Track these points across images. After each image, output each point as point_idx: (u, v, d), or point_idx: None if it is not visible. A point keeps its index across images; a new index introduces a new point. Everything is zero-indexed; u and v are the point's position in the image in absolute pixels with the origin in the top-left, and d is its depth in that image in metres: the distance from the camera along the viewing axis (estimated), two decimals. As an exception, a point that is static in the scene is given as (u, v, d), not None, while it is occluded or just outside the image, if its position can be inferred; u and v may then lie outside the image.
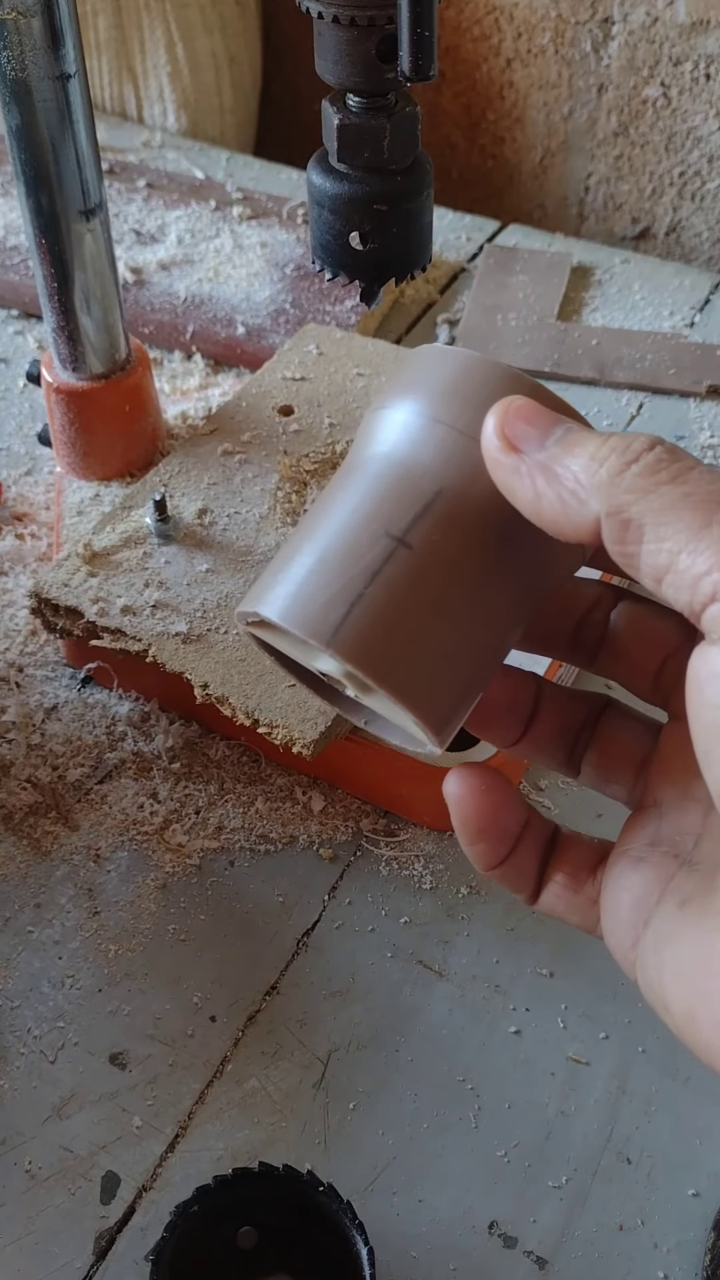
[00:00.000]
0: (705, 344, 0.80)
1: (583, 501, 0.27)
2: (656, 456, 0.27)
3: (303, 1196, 0.42)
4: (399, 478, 0.30)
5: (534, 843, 0.33)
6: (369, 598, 0.29)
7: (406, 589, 0.29)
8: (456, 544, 0.30)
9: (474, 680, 0.31)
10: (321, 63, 0.43)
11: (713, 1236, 0.44)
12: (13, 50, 0.51)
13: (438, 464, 0.30)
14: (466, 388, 0.30)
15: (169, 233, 0.86)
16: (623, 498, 0.26)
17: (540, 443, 0.28)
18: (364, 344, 0.69)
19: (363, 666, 0.29)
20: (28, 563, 0.66)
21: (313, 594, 0.29)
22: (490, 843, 0.33)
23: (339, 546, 0.30)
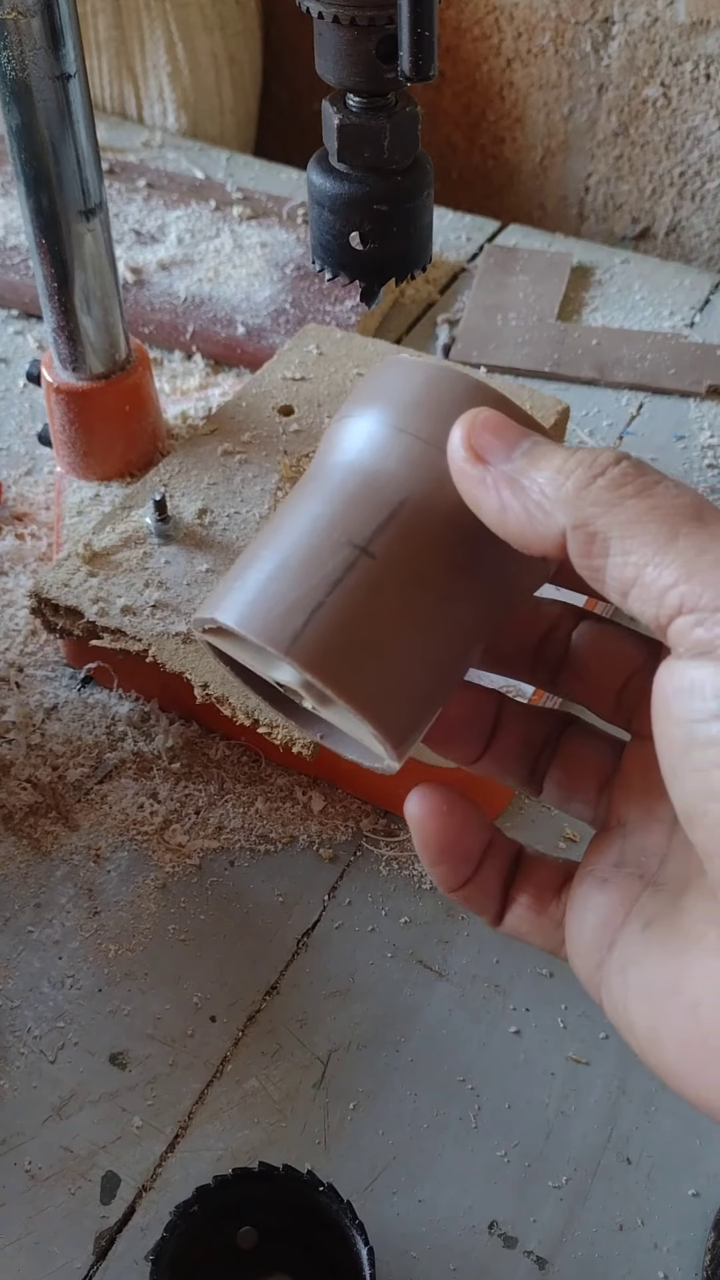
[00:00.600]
0: (705, 344, 0.80)
1: (548, 514, 0.27)
2: (623, 470, 0.26)
3: (303, 1196, 0.42)
4: (362, 486, 0.30)
5: (497, 864, 0.33)
6: (329, 606, 0.28)
7: (368, 598, 0.29)
8: (420, 555, 0.29)
9: (434, 694, 0.30)
10: (322, 63, 0.43)
11: (712, 1236, 0.44)
12: (13, 50, 0.51)
13: (402, 473, 0.30)
14: (432, 398, 0.30)
15: (169, 233, 0.86)
16: (589, 510, 0.26)
17: (507, 455, 0.28)
18: (364, 344, 0.69)
19: (321, 676, 0.28)
20: (28, 563, 0.66)
21: (272, 601, 0.29)
22: (452, 864, 0.33)
23: (300, 554, 0.29)
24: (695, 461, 0.73)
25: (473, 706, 0.34)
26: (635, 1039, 0.28)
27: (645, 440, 0.74)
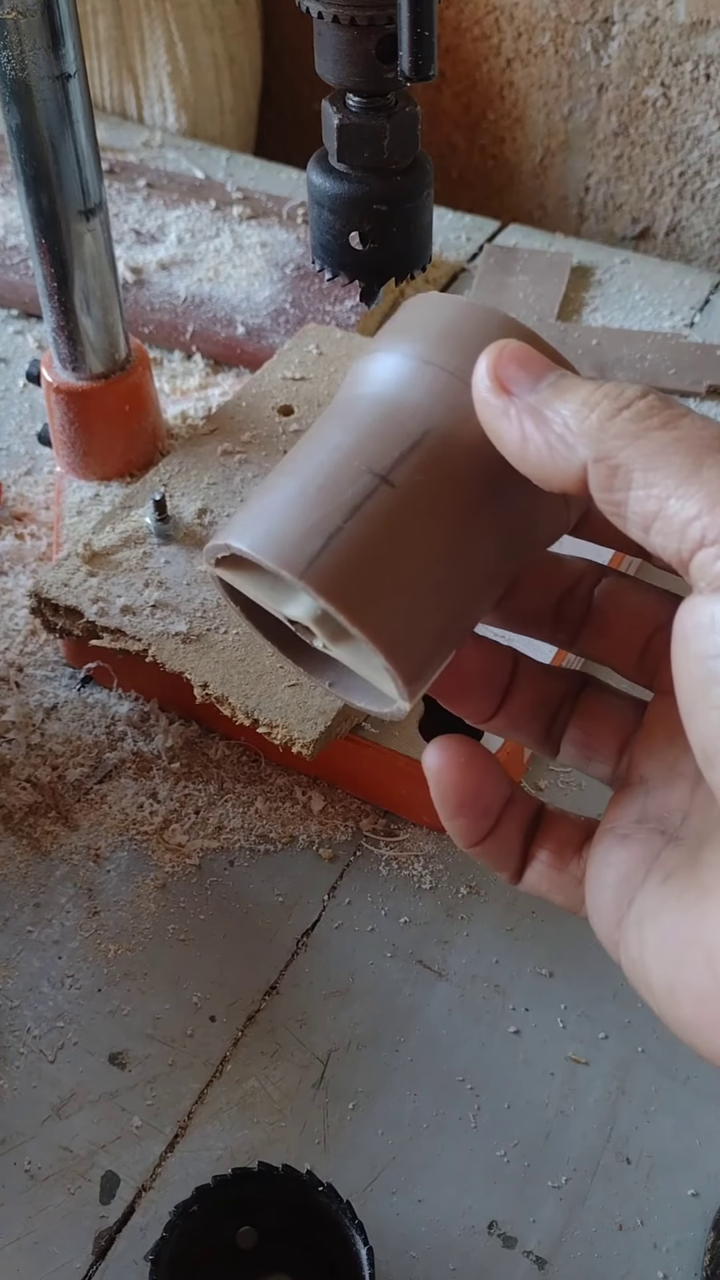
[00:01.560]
0: (705, 344, 0.80)
1: (570, 447, 0.26)
2: (648, 403, 0.26)
3: (302, 1196, 0.42)
4: (385, 416, 0.29)
5: (517, 819, 0.33)
6: (347, 532, 0.28)
7: (386, 527, 0.28)
8: (440, 486, 0.29)
9: (448, 633, 0.30)
10: (321, 62, 0.43)
11: (712, 1236, 0.44)
12: (13, 50, 0.51)
13: (426, 405, 0.29)
14: (461, 331, 0.30)
15: (169, 232, 0.86)
16: (611, 443, 0.26)
17: (532, 386, 0.27)
18: (364, 344, 0.69)
19: (337, 601, 0.28)
20: (27, 562, 0.66)
21: (288, 526, 0.28)
22: (471, 818, 0.32)
23: (319, 481, 0.29)
24: (695, 461, 0.73)
25: (487, 660, 0.33)
26: (653, 995, 0.28)
27: (645, 440, 0.74)
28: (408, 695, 0.29)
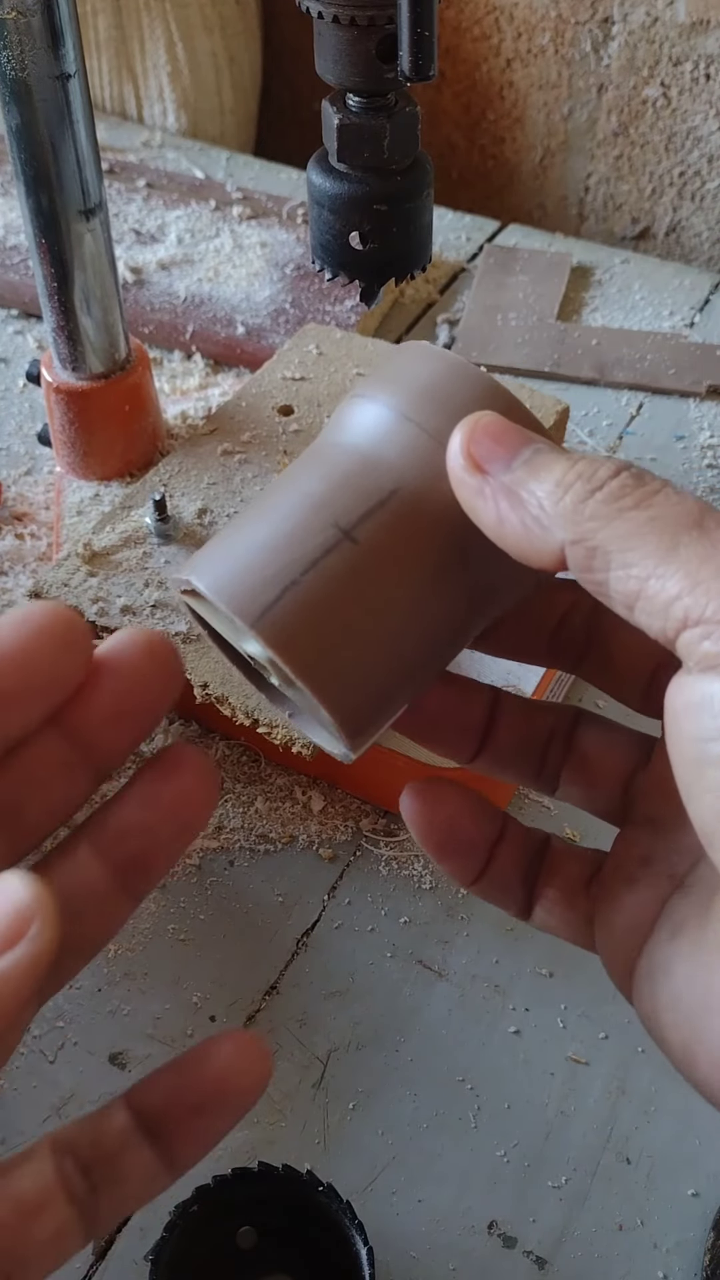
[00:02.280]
0: (705, 344, 0.80)
1: (546, 529, 0.26)
2: (621, 483, 0.26)
3: (302, 1196, 0.42)
4: (358, 470, 0.29)
5: (513, 856, 0.32)
6: (303, 585, 0.28)
7: (343, 584, 0.28)
8: (404, 547, 0.29)
9: (399, 689, 0.30)
10: (321, 62, 0.43)
11: (712, 1236, 0.44)
12: (12, 50, 0.51)
13: (399, 463, 0.29)
14: (444, 391, 0.30)
15: (169, 232, 0.86)
16: (586, 525, 0.25)
17: (507, 464, 0.27)
18: (364, 344, 0.69)
19: (284, 654, 0.28)
20: (27, 562, 0.66)
21: (248, 573, 0.28)
22: (457, 859, 0.32)
23: (285, 529, 0.29)
24: (695, 462, 0.73)
25: (456, 701, 0.33)
26: (670, 1052, 0.27)
27: (645, 440, 0.74)
28: (350, 748, 0.30)
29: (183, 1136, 0.30)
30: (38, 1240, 0.28)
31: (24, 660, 0.27)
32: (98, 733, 0.28)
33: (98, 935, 0.30)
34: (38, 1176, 0.28)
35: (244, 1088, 0.30)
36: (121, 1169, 0.29)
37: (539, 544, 0.26)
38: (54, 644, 0.27)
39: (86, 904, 0.29)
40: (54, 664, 0.27)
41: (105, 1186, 0.29)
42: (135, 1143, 0.29)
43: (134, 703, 0.28)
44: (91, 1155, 0.29)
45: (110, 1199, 0.29)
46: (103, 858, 0.29)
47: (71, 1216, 0.29)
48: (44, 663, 0.27)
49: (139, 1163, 0.29)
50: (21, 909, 0.24)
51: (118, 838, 0.29)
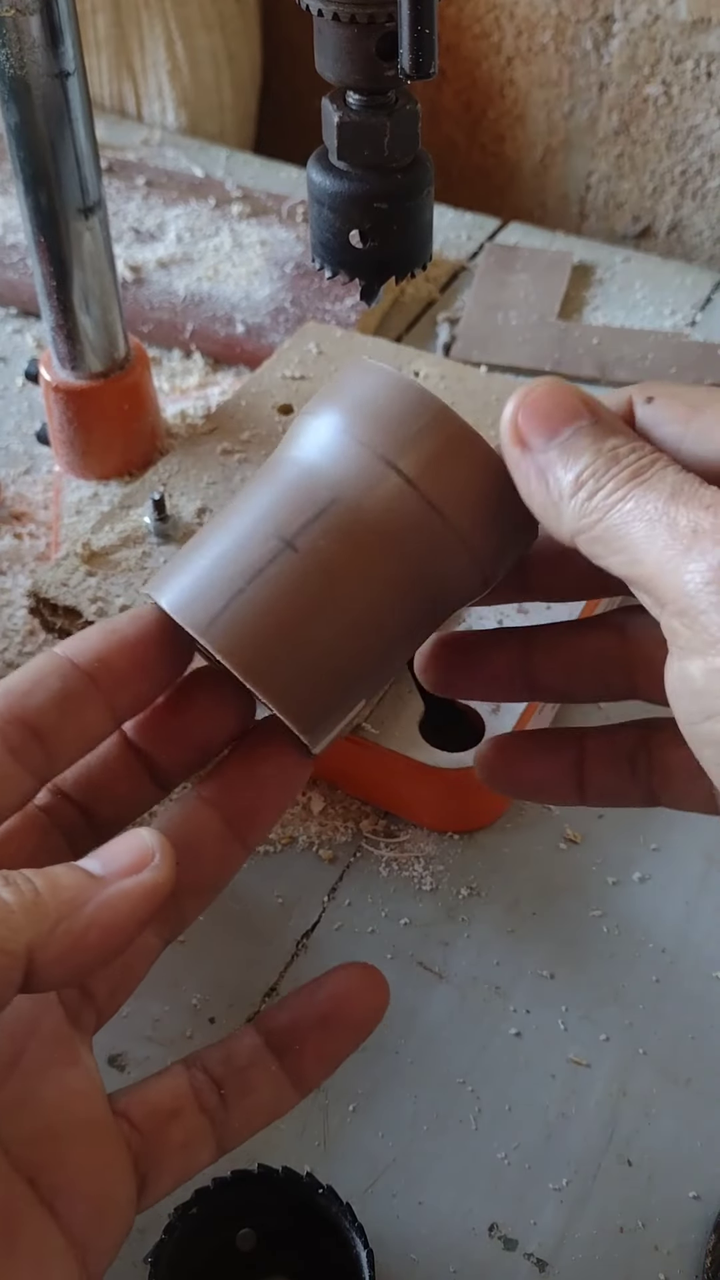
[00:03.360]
0: (707, 343, 0.79)
1: (560, 516, 0.28)
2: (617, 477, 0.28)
3: (302, 1199, 0.42)
4: (300, 483, 0.31)
5: (604, 765, 0.35)
6: (249, 594, 0.30)
7: (286, 590, 0.30)
8: (342, 553, 0.31)
9: (349, 688, 0.32)
10: (321, 60, 0.43)
11: (713, 1239, 0.44)
12: (11, 48, 0.51)
13: (337, 474, 0.31)
14: (379, 405, 0.31)
15: (168, 231, 0.86)
16: (587, 520, 0.28)
17: (545, 442, 0.29)
18: (364, 342, 0.69)
19: (230, 659, 0.30)
20: (26, 562, 0.65)
21: (200, 586, 0.31)
22: (548, 798, 0.36)
23: (233, 543, 0.31)
24: (696, 461, 0.72)
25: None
26: None
27: (646, 439, 0.74)
28: (308, 742, 0.32)
29: (308, 1053, 0.34)
30: (172, 1144, 0.32)
31: (137, 646, 0.32)
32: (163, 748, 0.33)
33: (215, 876, 0.34)
34: (172, 1086, 0.33)
35: (364, 1008, 0.34)
36: (251, 1082, 0.33)
37: (555, 527, 0.29)
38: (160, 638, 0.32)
39: (202, 845, 0.33)
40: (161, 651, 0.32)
41: (236, 1099, 0.33)
42: (264, 1059, 0.33)
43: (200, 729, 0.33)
44: (223, 1070, 0.33)
45: (240, 1112, 0.33)
46: (215, 807, 0.33)
47: (203, 1125, 0.33)
48: (152, 651, 0.32)
49: (267, 1077, 0.33)
50: (145, 847, 0.29)
51: (227, 790, 0.33)
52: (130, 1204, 0.31)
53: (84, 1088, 0.31)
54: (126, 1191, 0.31)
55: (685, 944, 0.52)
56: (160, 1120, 0.32)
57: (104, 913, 0.27)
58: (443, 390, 0.66)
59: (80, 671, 0.31)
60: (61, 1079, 0.31)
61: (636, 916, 0.52)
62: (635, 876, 0.54)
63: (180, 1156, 0.32)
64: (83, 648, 0.32)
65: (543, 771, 0.36)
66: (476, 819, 0.55)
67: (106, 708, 0.32)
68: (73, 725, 0.31)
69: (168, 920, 0.34)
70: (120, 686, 0.32)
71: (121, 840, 0.29)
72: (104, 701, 0.32)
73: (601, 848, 0.55)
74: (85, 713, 0.31)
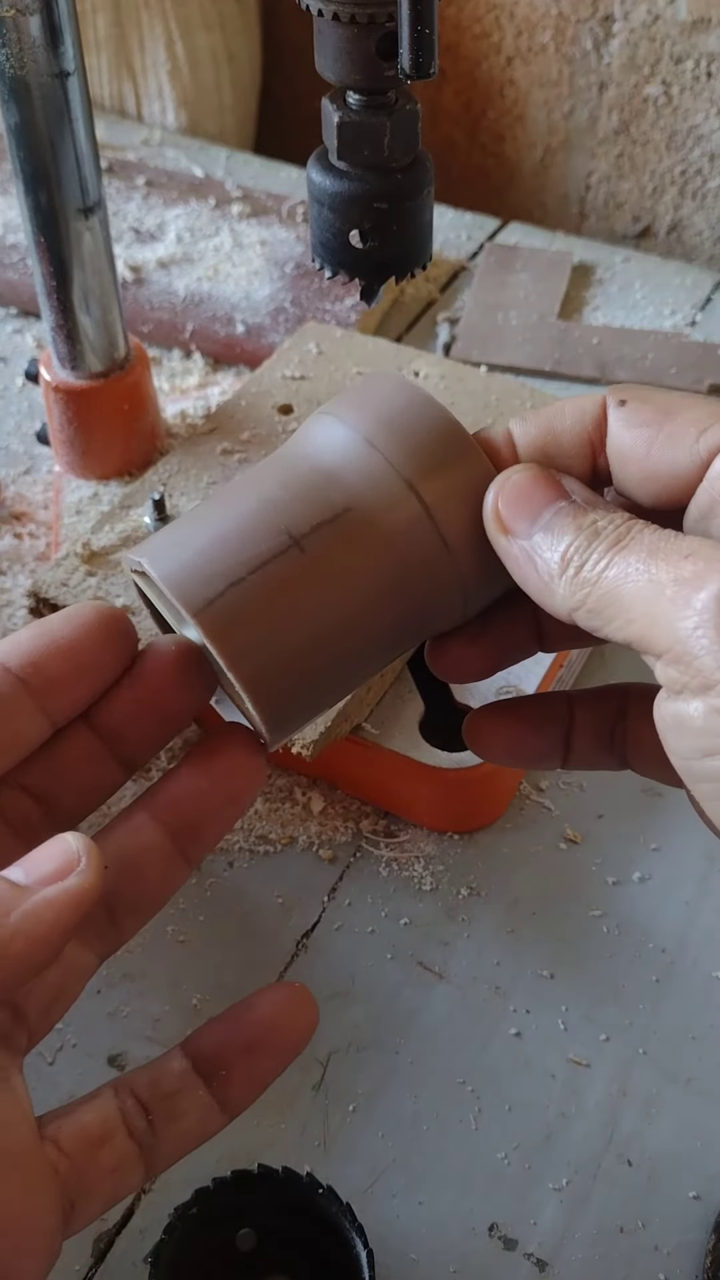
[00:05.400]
0: (707, 343, 0.79)
1: (554, 595, 0.29)
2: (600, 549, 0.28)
3: (302, 1199, 0.42)
4: (317, 484, 0.31)
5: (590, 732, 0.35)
6: (248, 584, 0.30)
7: (285, 589, 0.30)
8: (348, 563, 0.31)
9: (322, 694, 0.32)
10: (321, 60, 0.42)
11: (713, 1239, 0.44)
12: (11, 48, 0.51)
13: (357, 484, 0.31)
14: (409, 425, 0.32)
15: (168, 231, 0.86)
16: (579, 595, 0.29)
17: (529, 528, 0.30)
18: (364, 342, 0.69)
19: (220, 646, 0.30)
20: (26, 562, 0.65)
21: (198, 565, 0.30)
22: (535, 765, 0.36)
23: (239, 528, 0.31)
24: (696, 461, 0.72)
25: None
26: None
27: (646, 439, 0.74)
28: (269, 740, 0.32)
29: (235, 1077, 0.33)
30: (101, 1169, 0.32)
31: (73, 650, 0.31)
32: (125, 727, 0.32)
33: (156, 894, 0.33)
34: (101, 1111, 0.32)
35: (292, 1031, 0.33)
36: (179, 1107, 0.33)
37: (551, 606, 0.30)
38: (100, 637, 0.31)
39: (145, 862, 0.33)
40: (99, 654, 0.32)
41: (164, 1124, 0.32)
42: (191, 1084, 0.33)
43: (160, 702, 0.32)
44: (150, 1095, 0.33)
45: (168, 1136, 0.33)
46: (158, 822, 0.33)
47: (132, 1151, 0.32)
48: (90, 653, 0.31)
49: (195, 1102, 0.33)
50: (70, 852, 0.28)
51: (171, 804, 0.33)
52: (55, 1232, 0.31)
53: (13, 1116, 0.31)
54: (53, 1220, 0.30)
55: (685, 944, 0.52)
56: (89, 1145, 0.32)
57: (28, 922, 0.27)
58: (442, 390, 0.66)
59: (11, 676, 0.31)
60: None
61: (636, 916, 0.52)
62: (635, 876, 0.54)
63: (109, 1182, 0.32)
64: (14, 651, 0.31)
65: (535, 743, 0.36)
66: (476, 819, 0.55)
67: (40, 713, 0.31)
68: (3, 731, 0.31)
69: (103, 936, 0.34)
70: (54, 690, 0.31)
71: (46, 847, 0.28)
72: (36, 706, 0.31)
73: (601, 848, 0.55)
74: (16, 719, 0.31)
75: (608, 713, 0.36)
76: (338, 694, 0.33)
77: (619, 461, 0.31)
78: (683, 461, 0.29)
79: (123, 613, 0.33)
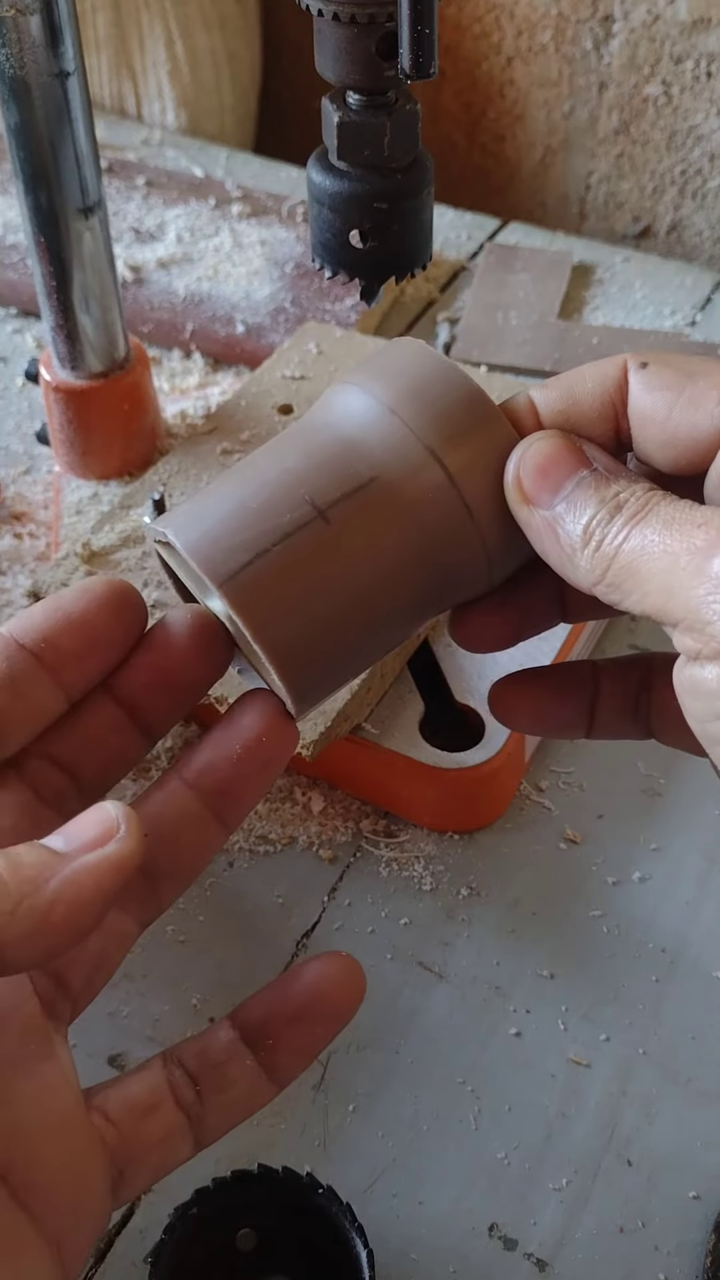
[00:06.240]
0: (707, 343, 0.79)
1: (576, 567, 0.29)
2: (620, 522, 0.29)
3: (302, 1199, 0.42)
4: (339, 454, 0.31)
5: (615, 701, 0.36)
6: (274, 555, 0.30)
7: (310, 559, 0.30)
8: (372, 533, 0.31)
9: (346, 665, 0.32)
10: (321, 60, 0.43)
11: (713, 1239, 0.44)
12: (11, 48, 0.51)
13: (381, 454, 0.31)
14: (433, 392, 0.31)
15: (168, 231, 0.86)
16: (600, 569, 0.29)
17: (551, 499, 0.30)
18: (364, 342, 0.69)
19: (245, 617, 0.30)
20: (26, 562, 0.65)
21: (223, 535, 0.30)
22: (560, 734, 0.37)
23: (263, 499, 0.31)
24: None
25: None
26: None
27: (646, 439, 0.74)
28: (295, 712, 0.32)
29: (283, 1046, 0.33)
30: (149, 1140, 0.32)
31: (84, 623, 0.32)
32: (144, 697, 0.33)
33: (194, 859, 0.34)
34: (148, 1082, 0.33)
35: (340, 1000, 0.34)
36: (227, 1077, 0.33)
37: (573, 578, 0.30)
38: (110, 610, 0.32)
39: (181, 828, 0.33)
40: (110, 627, 0.32)
41: (212, 1095, 0.33)
42: (239, 1054, 0.33)
43: (179, 672, 0.33)
44: (199, 1065, 0.33)
45: (217, 1107, 0.33)
46: (192, 788, 0.33)
47: (180, 1121, 0.32)
48: (101, 626, 0.32)
49: (243, 1072, 0.33)
50: (109, 820, 0.28)
51: (204, 770, 0.33)
52: (106, 1199, 0.31)
53: (58, 1082, 0.31)
54: (101, 1186, 0.31)
55: (685, 944, 0.52)
56: (137, 1116, 0.32)
57: (69, 889, 0.27)
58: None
59: (26, 652, 0.31)
60: (35, 1073, 0.31)
61: (636, 916, 0.52)
62: (635, 876, 0.54)
63: (158, 1152, 0.32)
64: (28, 626, 0.31)
65: (560, 711, 0.36)
66: (476, 819, 0.55)
67: (56, 687, 0.32)
68: (21, 707, 0.31)
69: (144, 904, 0.34)
70: (68, 664, 0.32)
71: (85, 815, 0.28)
72: (52, 681, 0.31)
73: (601, 848, 0.55)
74: (33, 693, 0.31)
75: (632, 682, 0.36)
76: (362, 664, 0.32)
77: (639, 425, 0.31)
78: (703, 426, 0.29)
79: (132, 586, 0.33)
